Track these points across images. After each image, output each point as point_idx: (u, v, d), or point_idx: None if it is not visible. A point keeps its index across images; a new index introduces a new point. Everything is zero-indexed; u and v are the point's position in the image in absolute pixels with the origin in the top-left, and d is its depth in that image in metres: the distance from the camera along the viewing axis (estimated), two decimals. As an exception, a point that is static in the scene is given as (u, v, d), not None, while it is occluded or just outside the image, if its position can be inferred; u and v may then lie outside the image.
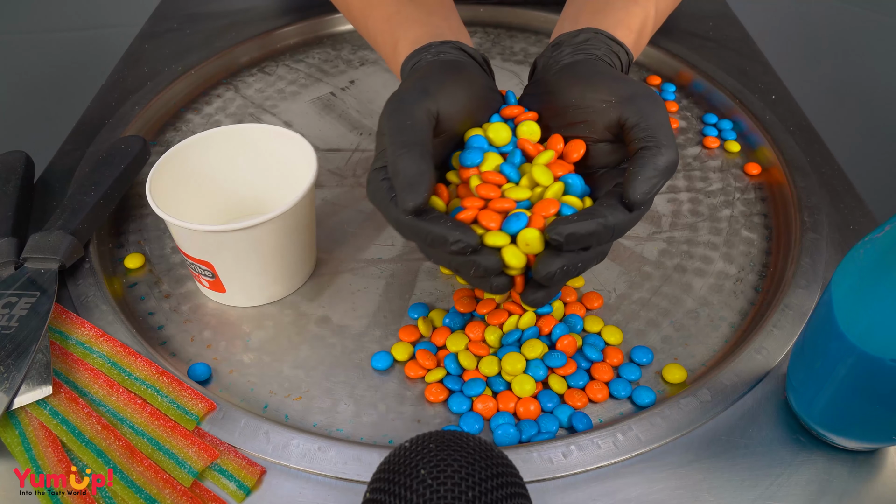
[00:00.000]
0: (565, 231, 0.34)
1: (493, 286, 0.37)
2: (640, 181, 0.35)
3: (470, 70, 0.42)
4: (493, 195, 0.37)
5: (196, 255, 0.43)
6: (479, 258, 0.35)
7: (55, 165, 0.56)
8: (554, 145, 0.40)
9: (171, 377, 0.40)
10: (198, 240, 0.42)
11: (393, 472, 0.28)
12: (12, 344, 0.39)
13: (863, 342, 0.31)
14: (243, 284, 0.45)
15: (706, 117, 0.62)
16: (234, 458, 0.37)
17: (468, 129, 0.41)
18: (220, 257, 0.43)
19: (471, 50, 0.44)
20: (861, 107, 0.93)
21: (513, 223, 0.36)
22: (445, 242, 0.35)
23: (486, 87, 0.42)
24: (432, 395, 0.41)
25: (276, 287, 0.46)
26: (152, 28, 0.74)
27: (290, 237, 0.44)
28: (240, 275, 0.44)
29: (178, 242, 0.44)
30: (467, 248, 0.35)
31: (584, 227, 0.35)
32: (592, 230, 0.35)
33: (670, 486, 0.36)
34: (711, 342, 0.45)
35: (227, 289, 0.45)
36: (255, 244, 0.42)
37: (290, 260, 0.45)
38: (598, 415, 0.41)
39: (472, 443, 0.29)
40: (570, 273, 0.36)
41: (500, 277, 0.37)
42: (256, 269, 0.44)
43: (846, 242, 0.50)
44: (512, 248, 0.36)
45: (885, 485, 0.36)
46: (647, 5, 0.47)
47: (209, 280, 0.45)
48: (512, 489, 0.28)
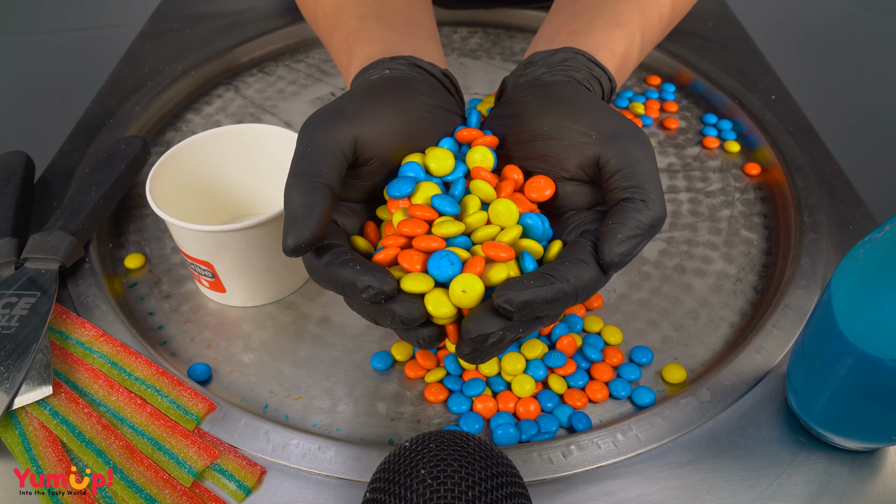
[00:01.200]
0: (518, 299, 0.29)
1: (419, 339, 0.32)
2: (620, 241, 0.30)
3: (415, 87, 0.36)
4: (420, 231, 0.32)
5: (196, 255, 0.43)
6: (396, 307, 0.30)
7: (55, 165, 0.56)
8: (510, 175, 0.35)
9: (171, 377, 0.40)
10: (198, 240, 0.42)
11: (393, 472, 0.28)
12: (12, 344, 0.39)
13: (863, 342, 0.31)
14: (243, 284, 0.45)
15: (706, 117, 0.62)
16: (234, 458, 0.37)
17: (405, 154, 0.36)
18: (221, 257, 0.43)
19: (426, 65, 0.39)
20: (861, 107, 0.93)
21: (438, 265, 0.31)
22: (355, 289, 0.30)
23: (435, 106, 0.37)
24: (432, 395, 0.41)
25: (276, 287, 0.46)
26: (152, 28, 0.74)
27: None
28: (240, 275, 0.44)
29: (178, 242, 0.44)
30: (380, 294, 0.30)
31: (543, 293, 0.29)
32: (551, 297, 0.29)
33: (670, 486, 0.36)
34: (711, 342, 0.45)
35: (227, 289, 0.45)
36: (255, 244, 0.42)
37: (290, 259, 0.45)
38: (598, 415, 0.41)
39: (472, 443, 0.29)
40: (506, 341, 0.31)
41: (426, 329, 0.31)
42: (256, 269, 0.44)
43: (846, 242, 0.50)
44: (436, 295, 0.31)
45: (885, 485, 0.36)
46: (632, 30, 0.42)
47: (209, 280, 0.45)
48: (512, 489, 0.28)
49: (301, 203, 0.30)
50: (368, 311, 0.32)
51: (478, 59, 0.70)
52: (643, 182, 0.32)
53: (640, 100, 0.64)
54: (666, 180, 0.56)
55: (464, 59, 0.70)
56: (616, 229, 0.31)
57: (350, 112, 0.33)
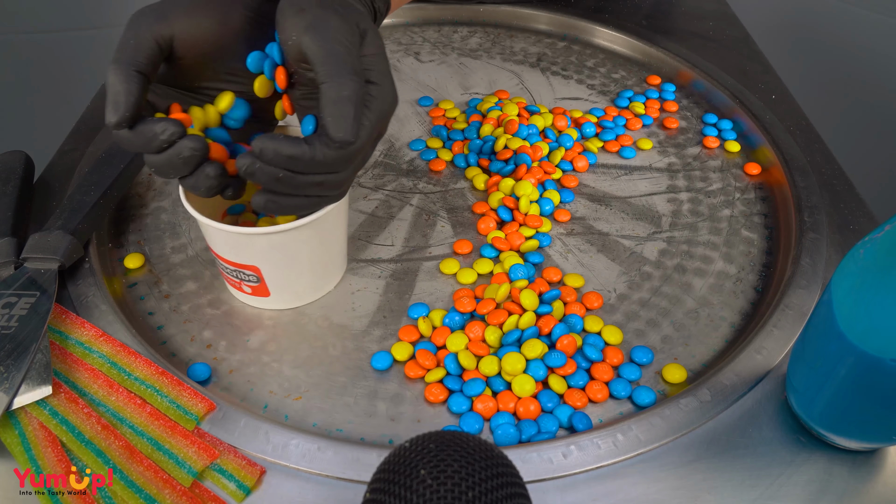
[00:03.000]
0: (261, 146, 0.35)
1: (206, 175, 0.37)
2: (331, 120, 0.35)
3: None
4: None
5: (242, 260, 0.42)
6: (186, 140, 0.36)
7: (55, 165, 0.56)
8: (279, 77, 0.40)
9: (171, 377, 0.40)
10: (246, 245, 0.41)
11: (393, 472, 0.28)
12: (12, 344, 0.39)
13: (863, 342, 0.31)
14: (288, 285, 0.44)
15: (706, 117, 0.62)
16: (233, 458, 0.37)
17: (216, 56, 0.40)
18: (268, 260, 0.42)
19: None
20: (861, 107, 0.93)
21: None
22: (154, 135, 0.36)
23: (252, 18, 0.40)
24: (432, 395, 0.41)
25: (318, 284, 0.46)
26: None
27: (339, 229, 0.44)
28: (286, 276, 0.44)
29: (218, 250, 0.43)
30: (175, 133, 0.36)
31: (287, 147, 0.35)
32: (294, 154, 0.35)
33: (670, 486, 0.36)
34: (711, 342, 0.45)
35: (272, 291, 0.44)
36: (303, 243, 0.42)
37: (332, 255, 0.45)
38: (598, 415, 0.41)
39: (472, 443, 0.29)
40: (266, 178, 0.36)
41: (211, 166, 0.37)
42: (302, 269, 0.44)
43: (846, 242, 0.50)
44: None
45: (885, 485, 0.36)
46: None
47: (253, 286, 0.44)
48: (512, 489, 0.28)
49: (120, 88, 0.35)
50: (167, 161, 0.37)
51: (478, 59, 0.70)
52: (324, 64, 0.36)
53: (640, 99, 0.64)
54: (666, 180, 0.56)
55: (464, 59, 0.70)
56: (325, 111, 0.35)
57: (172, 15, 0.38)
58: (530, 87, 0.66)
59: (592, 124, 0.60)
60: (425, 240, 0.51)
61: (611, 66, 0.70)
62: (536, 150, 0.56)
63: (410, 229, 0.52)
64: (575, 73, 0.68)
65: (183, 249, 0.50)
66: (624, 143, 0.59)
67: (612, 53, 0.71)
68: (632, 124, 0.61)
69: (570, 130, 0.59)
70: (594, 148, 0.59)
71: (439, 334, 0.43)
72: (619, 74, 0.68)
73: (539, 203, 0.53)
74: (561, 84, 0.67)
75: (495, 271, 0.48)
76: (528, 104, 0.62)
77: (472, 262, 0.49)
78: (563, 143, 0.58)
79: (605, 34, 0.72)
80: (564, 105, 0.64)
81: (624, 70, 0.69)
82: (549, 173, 0.55)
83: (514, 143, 0.56)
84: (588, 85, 0.67)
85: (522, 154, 0.55)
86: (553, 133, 0.59)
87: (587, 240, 0.51)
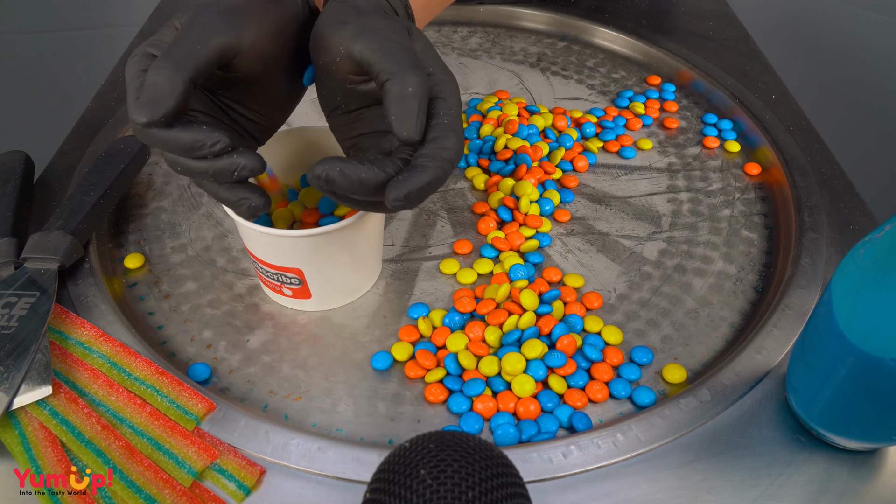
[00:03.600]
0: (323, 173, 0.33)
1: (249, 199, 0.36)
2: (396, 119, 0.34)
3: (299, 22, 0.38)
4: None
5: (285, 263, 0.42)
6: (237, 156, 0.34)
7: (55, 165, 0.56)
8: None
9: (171, 377, 0.40)
10: (291, 247, 0.41)
11: (393, 472, 0.28)
12: (12, 344, 0.39)
13: (863, 342, 0.31)
14: (329, 286, 0.44)
15: (706, 117, 0.62)
16: (233, 458, 0.37)
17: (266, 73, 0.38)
18: (312, 262, 0.42)
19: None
20: (861, 107, 0.93)
21: None
22: (203, 144, 0.33)
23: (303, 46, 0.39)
24: (432, 395, 0.41)
25: (362, 282, 0.46)
26: (152, 28, 0.74)
27: (379, 228, 0.44)
28: (328, 277, 0.44)
29: (259, 254, 0.42)
30: (227, 146, 0.34)
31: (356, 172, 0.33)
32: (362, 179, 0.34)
33: (670, 486, 0.36)
34: (711, 342, 0.45)
35: (314, 293, 0.44)
36: (345, 243, 0.42)
37: (372, 254, 0.45)
38: (598, 415, 0.41)
39: (472, 443, 0.29)
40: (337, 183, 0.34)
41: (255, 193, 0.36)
42: (344, 270, 0.44)
43: (846, 242, 0.50)
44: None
45: (886, 485, 0.36)
46: None
47: (294, 288, 0.44)
48: (512, 489, 0.28)
49: (165, 90, 0.32)
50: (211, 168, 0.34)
51: (478, 59, 0.70)
52: (390, 62, 0.34)
53: (640, 99, 0.64)
54: (666, 180, 0.56)
55: (464, 59, 0.70)
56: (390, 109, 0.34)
57: (243, 28, 0.35)
58: (530, 87, 0.66)
59: (592, 124, 0.60)
60: (425, 240, 0.51)
61: (611, 65, 0.70)
62: (536, 150, 0.56)
63: (410, 229, 0.52)
64: (575, 73, 0.68)
65: (183, 249, 0.50)
66: (624, 143, 0.59)
67: (612, 53, 0.71)
68: (632, 124, 0.61)
69: (570, 130, 0.59)
70: (594, 148, 0.59)
71: (439, 334, 0.43)
72: (619, 74, 0.68)
73: (539, 203, 0.53)
74: (561, 84, 0.67)
75: (495, 271, 0.48)
76: (528, 104, 0.62)
77: (472, 262, 0.49)
78: (563, 143, 0.58)
79: (604, 34, 0.72)
80: (564, 105, 0.64)
81: (624, 70, 0.69)
82: (549, 173, 0.55)
83: (514, 143, 0.56)
84: (588, 85, 0.67)
85: (522, 154, 0.55)
86: (553, 133, 0.59)
87: (587, 240, 0.51)
